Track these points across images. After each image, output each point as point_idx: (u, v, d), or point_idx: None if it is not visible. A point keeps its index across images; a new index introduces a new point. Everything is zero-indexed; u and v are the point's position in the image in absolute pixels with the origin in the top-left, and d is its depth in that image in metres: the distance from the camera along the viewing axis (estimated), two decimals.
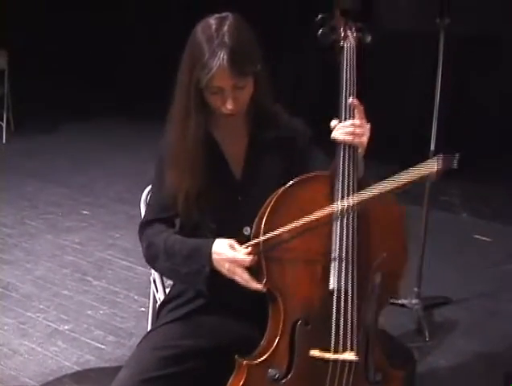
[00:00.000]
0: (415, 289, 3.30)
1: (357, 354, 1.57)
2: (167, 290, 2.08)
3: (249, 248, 1.62)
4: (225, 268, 1.67)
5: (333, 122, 1.70)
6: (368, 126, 1.70)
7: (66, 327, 3.17)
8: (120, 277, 3.71)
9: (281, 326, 1.61)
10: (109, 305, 3.40)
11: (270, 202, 1.64)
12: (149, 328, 2.21)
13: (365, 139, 1.68)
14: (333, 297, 1.59)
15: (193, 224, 1.84)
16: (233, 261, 1.65)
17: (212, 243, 1.70)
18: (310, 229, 1.59)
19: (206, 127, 1.80)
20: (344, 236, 1.61)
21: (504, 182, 5.31)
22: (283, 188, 1.65)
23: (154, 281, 2.22)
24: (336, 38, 1.80)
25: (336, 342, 1.57)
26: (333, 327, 1.57)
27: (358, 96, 1.72)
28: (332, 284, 1.59)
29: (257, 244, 1.61)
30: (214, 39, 1.68)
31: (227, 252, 1.66)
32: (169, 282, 2.05)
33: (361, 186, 1.66)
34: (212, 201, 1.78)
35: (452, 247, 4.18)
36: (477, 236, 4.37)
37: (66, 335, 3.11)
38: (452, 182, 5.26)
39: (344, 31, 1.80)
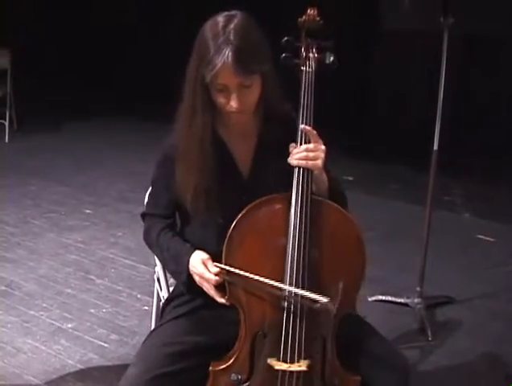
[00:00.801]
0: (418, 289, 3.30)
1: (309, 365, 1.69)
2: (171, 289, 2.09)
3: (217, 269, 1.73)
4: (195, 279, 1.78)
5: (291, 147, 1.75)
6: (322, 148, 1.75)
7: (69, 326, 3.18)
8: (123, 275, 3.72)
9: (243, 336, 1.74)
10: (112, 303, 3.41)
11: (231, 226, 1.73)
12: (153, 326, 2.22)
13: (319, 162, 1.74)
14: (284, 313, 1.69)
15: (202, 221, 1.86)
16: (201, 277, 1.76)
17: (192, 253, 1.80)
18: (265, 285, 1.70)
19: (213, 126, 1.81)
20: (300, 266, 1.69)
21: (507, 182, 5.31)
22: (241, 213, 1.73)
23: (158, 280, 2.22)
24: (298, 61, 1.82)
25: (285, 354, 1.69)
26: (283, 340, 1.69)
27: (316, 118, 1.77)
28: (283, 302, 1.70)
29: (223, 269, 1.72)
30: (220, 35, 1.68)
31: (198, 268, 1.76)
32: (173, 280, 2.05)
33: (318, 203, 1.74)
34: (219, 199, 1.80)
35: (454, 247, 4.18)
36: (480, 236, 4.37)
37: (69, 334, 3.11)
38: (455, 182, 5.27)
39: (306, 52, 1.83)
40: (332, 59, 1.83)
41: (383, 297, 3.42)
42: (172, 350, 1.76)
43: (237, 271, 1.70)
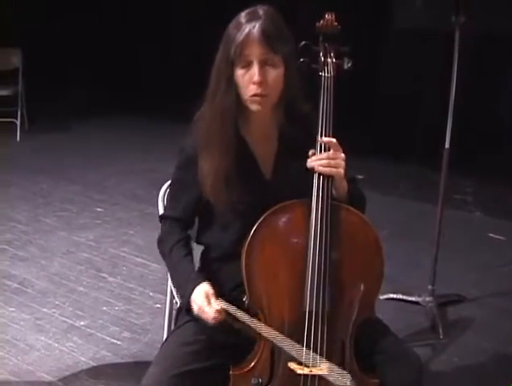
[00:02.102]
0: (429, 287, 3.30)
1: (329, 368, 1.68)
2: None
3: (219, 307, 1.72)
4: (194, 308, 1.77)
5: (310, 152, 1.76)
6: (342, 156, 1.76)
7: (82, 323, 3.20)
8: (134, 273, 3.73)
9: (263, 341, 1.73)
10: (124, 301, 3.43)
11: (251, 231, 1.74)
12: (166, 324, 2.23)
13: (341, 171, 1.75)
14: (306, 317, 1.69)
15: (222, 222, 1.88)
16: (201, 311, 1.74)
17: (197, 284, 1.78)
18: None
19: (236, 126, 1.82)
20: (321, 273, 1.70)
21: None
22: (261, 219, 1.74)
23: None
24: (316, 67, 1.83)
25: (307, 358, 1.68)
26: (305, 343, 1.68)
27: (335, 123, 1.78)
28: (304, 306, 1.70)
29: (225, 310, 1.72)
30: (249, 15, 1.74)
31: (199, 301, 1.75)
32: None
33: (337, 208, 1.75)
34: (241, 199, 1.81)
35: (465, 245, 4.18)
36: (491, 235, 4.36)
37: (82, 331, 3.13)
38: (466, 181, 5.26)
39: (325, 58, 1.83)
40: (350, 64, 1.84)
41: (395, 296, 3.42)
42: (192, 349, 1.77)
43: (238, 314, 1.69)
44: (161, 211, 2.13)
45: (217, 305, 1.72)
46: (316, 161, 1.74)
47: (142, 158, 5.86)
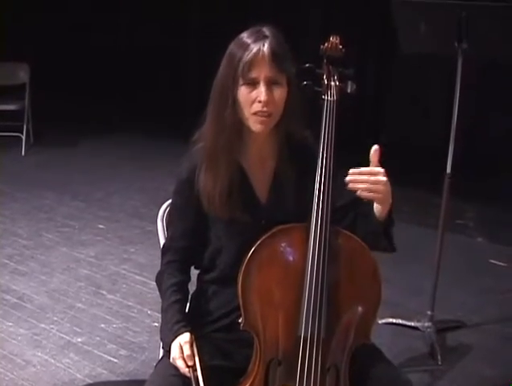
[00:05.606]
0: (429, 313, 3.29)
1: None
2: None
3: (190, 361, 1.71)
4: (171, 357, 1.76)
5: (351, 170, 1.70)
6: (383, 181, 1.71)
7: (79, 340, 3.19)
8: (134, 291, 3.73)
9: (257, 362, 1.73)
10: (122, 319, 3.42)
11: (248, 255, 1.73)
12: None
13: (379, 196, 1.71)
14: (301, 343, 1.68)
15: (217, 246, 1.88)
16: (173, 360, 1.74)
17: (179, 334, 1.76)
18: None
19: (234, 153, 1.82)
20: (318, 297, 1.69)
21: None
22: (258, 242, 1.73)
23: None
24: (319, 89, 1.81)
25: (301, 383, 1.68)
26: (299, 369, 1.68)
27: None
28: (299, 331, 1.69)
29: (193, 366, 1.70)
30: (254, 34, 1.75)
31: (173, 350, 1.74)
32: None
33: (336, 233, 1.74)
34: (236, 221, 1.80)
35: (466, 271, 4.16)
36: (493, 261, 4.34)
37: (79, 348, 3.13)
38: (468, 206, 5.24)
39: (328, 81, 1.82)
40: (353, 87, 1.83)
41: (393, 320, 3.40)
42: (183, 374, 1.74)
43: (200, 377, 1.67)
44: (160, 230, 2.14)
45: (189, 362, 1.70)
46: (357, 183, 1.69)
47: (146, 176, 5.87)
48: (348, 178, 1.67)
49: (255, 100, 1.73)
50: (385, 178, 1.69)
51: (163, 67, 7.87)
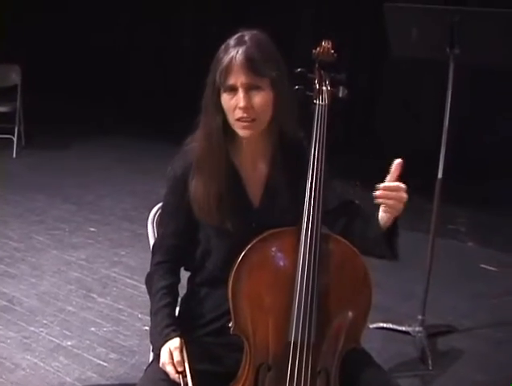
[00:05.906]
0: (419, 317, 3.29)
1: None
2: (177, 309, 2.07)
3: (179, 367, 1.70)
4: (160, 362, 1.75)
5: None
6: (404, 197, 1.76)
7: (69, 343, 3.18)
8: (124, 294, 3.71)
9: (247, 367, 1.73)
10: (112, 322, 3.40)
11: (238, 258, 1.72)
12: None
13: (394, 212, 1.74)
14: (291, 347, 1.68)
15: (207, 247, 1.87)
16: (163, 366, 1.73)
17: (169, 339, 1.75)
18: None
19: (227, 154, 1.82)
20: (308, 302, 1.69)
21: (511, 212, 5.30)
22: (249, 245, 1.73)
23: None
24: (311, 94, 1.82)
25: None
26: (289, 374, 1.68)
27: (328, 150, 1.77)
28: (289, 337, 1.69)
29: (184, 370, 1.69)
30: (235, 39, 1.75)
31: (163, 355, 1.73)
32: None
33: (326, 237, 1.74)
34: (228, 223, 1.80)
35: (457, 275, 4.16)
36: (484, 266, 4.35)
37: (68, 351, 3.11)
38: (460, 211, 5.25)
39: (319, 85, 1.82)
40: (345, 92, 1.83)
41: (384, 325, 3.40)
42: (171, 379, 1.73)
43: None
44: (150, 234, 2.13)
45: (179, 368, 1.70)
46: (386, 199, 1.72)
47: (138, 179, 5.85)
48: (378, 194, 1.69)
49: (236, 107, 1.73)
50: (406, 196, 1.73)
51: (157, 69, 7.87)
